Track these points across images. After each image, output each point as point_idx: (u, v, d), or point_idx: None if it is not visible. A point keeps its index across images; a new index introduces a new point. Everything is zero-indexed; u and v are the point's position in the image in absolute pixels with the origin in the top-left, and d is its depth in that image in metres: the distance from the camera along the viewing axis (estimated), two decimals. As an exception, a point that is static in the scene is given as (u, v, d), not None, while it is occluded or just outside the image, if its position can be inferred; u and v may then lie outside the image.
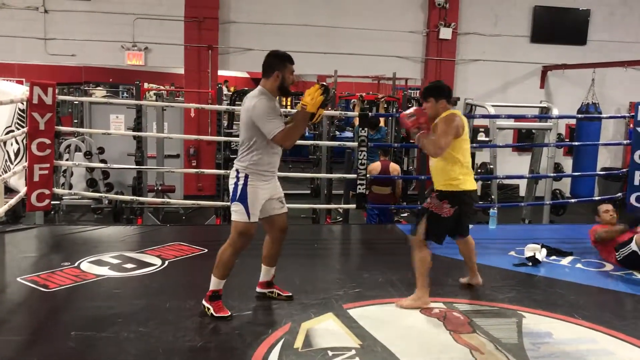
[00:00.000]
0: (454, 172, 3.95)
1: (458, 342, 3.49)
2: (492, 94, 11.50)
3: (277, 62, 3.66)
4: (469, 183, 4.02)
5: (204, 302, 3.72)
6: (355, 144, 6.25)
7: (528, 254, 5.14)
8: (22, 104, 5.28)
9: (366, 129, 6.03)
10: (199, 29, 10.96)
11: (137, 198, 7.20)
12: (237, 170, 3.67)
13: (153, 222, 8.33)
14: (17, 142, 5.40)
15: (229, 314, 3.65)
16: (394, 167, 7.22)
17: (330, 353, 3.26)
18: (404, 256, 5.25)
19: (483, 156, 9.41)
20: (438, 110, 3.96)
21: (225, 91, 13.16)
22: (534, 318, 3.88)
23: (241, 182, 3.63)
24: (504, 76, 11.84)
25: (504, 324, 3.79)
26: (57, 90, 5.46)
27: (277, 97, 3.77)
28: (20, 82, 9.66)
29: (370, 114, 6.53)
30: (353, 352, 3.29)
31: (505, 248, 5.57)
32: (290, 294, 4.06)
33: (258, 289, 4.08)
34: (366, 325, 3.64)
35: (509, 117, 8.20)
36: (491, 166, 8.46)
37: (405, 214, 9.31)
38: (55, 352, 3.21)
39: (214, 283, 3.71)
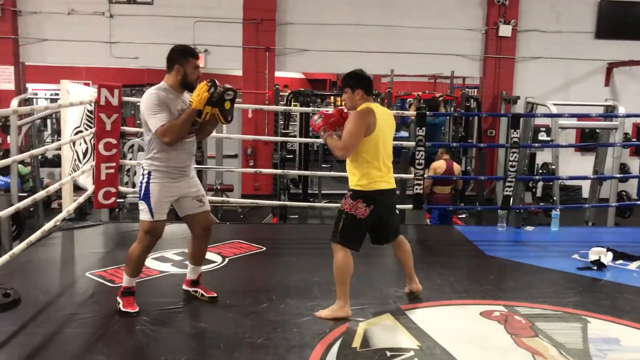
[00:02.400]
0: (363, 172, 3.68)
1: (520, 346, 3.41)
2: (553, 92, 11.17)
3: (178, 56, 3.61)
4: (384, 183, 3.74)
5: (117, 297, 3.72)
6: (412, 143, 6.19)
7: (593, 257, 4.96)
8: (90, 105, 5.48)
9: (424, 128, 5.97)
10: (257, 31, 11.12)
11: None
12: (142, 168, 3.66)
13: (213, 220, 8.48)
14: (85, 142, 5.62)
15: (136, 310, 3.64)
16: (457, 167, 7.17)
17: (388, 354, 3.24)
18: (463, 258, 5.20)
19: (544, 156, 9.16)
20: (355, 101, 3.69)
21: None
22: (600, 324, 3.75)
23: (145, 179, 3.61)
24: (567, 74, 11.49)
25: (568, 328, 3.67)
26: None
27: (183, 93, 3.68)
28: (87, 85, 10.05)
29: (428, 113, 6.44)
30: (412, 353, 3.27)
31: (568, 251, 5.40)
32: (215, 295, 3.97)
33: (184, 287, 4.05)
34: (425, 327, 3.60)
35: (571, 116, 7.95)
36: (553, 167, 8.24)
37: (463, 215, 9.17)
38: (121, 345, 3.34)
39: (126, 280, 3.70)
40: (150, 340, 3.37)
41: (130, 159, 8.65)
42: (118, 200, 6.46)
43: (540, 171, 8.69)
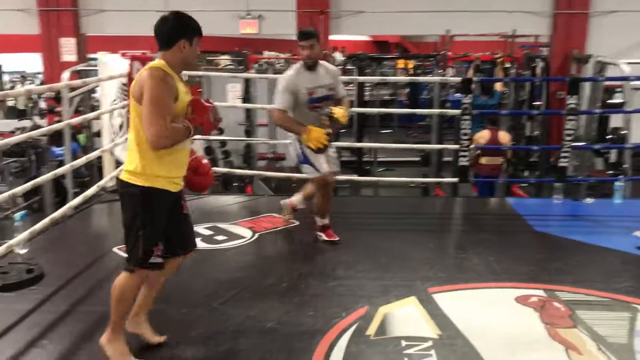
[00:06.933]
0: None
1: (553, 338, 3.09)
2: (631, 49, 10.21)
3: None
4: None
5: None
6: (458, 111, 5.79)
7: (657, 235, 4.49)
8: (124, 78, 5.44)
9: (470, 95, 5.55)
10: (311, -7, 10.81)
11: (244, 171, 7.26)
12: None
13: (264, 191, 8.37)
14: (120, 116, 5.61)
15: None
16: (504, 136, 6.69)
17: (403, 343, 3.01)
18: (508, 234, 4.86)
19: (619, 119, 8.42)
20: None
21: (339, 57, 12.95)
22: (653, 314, 3.35)
23: None
24: (647, 30, 10.48)
25: (613, 319, 3.31)
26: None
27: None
28: (144, 54, 10.11)
29: (483, 77, 6.00)
30: (430, 343, 3.02)
31: (629, 227, 4.91)
32: None
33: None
34: (450, 313, 3.33)
35: (647, 76, 7.19)
36: (624, 132, 7.56)
37: (525, 185, 8.64)
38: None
39: None
40: (158, 322, 3.25)
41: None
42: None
43: (609, 136, 8.01)
